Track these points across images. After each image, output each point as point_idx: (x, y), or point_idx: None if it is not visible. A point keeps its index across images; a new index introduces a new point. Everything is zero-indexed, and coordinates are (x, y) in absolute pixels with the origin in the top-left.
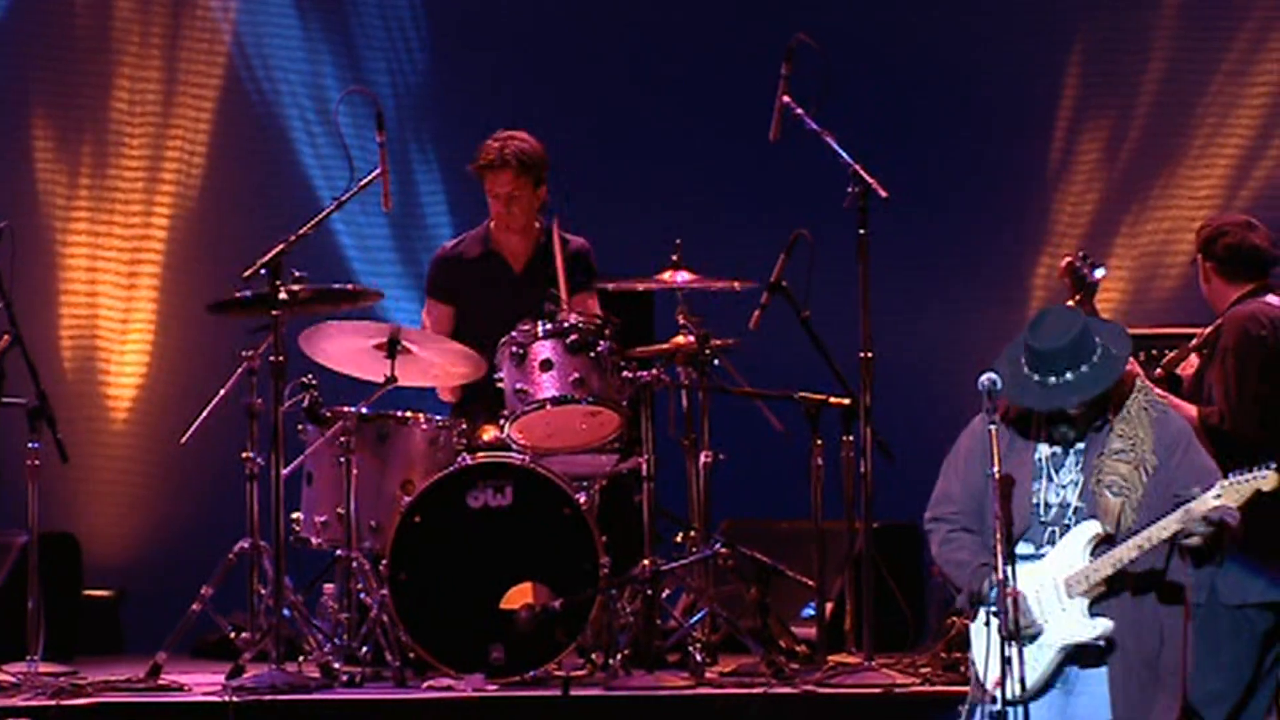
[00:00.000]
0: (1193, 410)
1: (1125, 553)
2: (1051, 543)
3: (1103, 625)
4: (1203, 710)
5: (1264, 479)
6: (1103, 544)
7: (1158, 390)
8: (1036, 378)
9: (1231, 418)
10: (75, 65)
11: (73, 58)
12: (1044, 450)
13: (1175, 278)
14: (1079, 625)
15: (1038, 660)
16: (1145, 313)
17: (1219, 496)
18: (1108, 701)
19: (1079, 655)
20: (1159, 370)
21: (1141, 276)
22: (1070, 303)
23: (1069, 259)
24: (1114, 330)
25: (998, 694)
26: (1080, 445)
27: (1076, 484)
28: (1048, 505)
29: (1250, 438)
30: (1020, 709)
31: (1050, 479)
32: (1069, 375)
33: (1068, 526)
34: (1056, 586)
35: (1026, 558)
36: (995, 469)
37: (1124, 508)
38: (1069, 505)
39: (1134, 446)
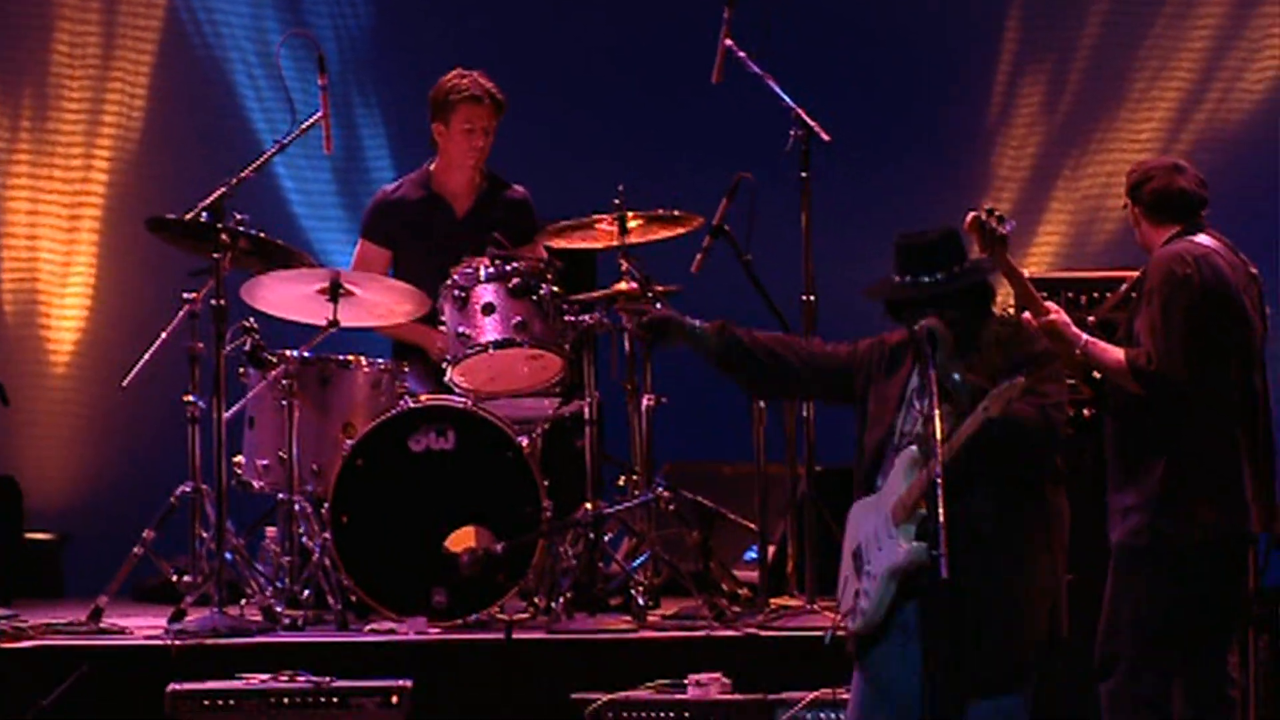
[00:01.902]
0: (1119, 353)
1: (928, 473)
2: None
3: (916, 550)
4: (1151, 650)
5: (1014, 384)
6: (922, 468)
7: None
8: (898, 279)
9: (1158, 358)
10: (15, 11)
11: (13, 7)
12: (913, 381)
13: (1116, 221)
14: (898, 551)
15: (869, 590)
16: (1086, 257)
17: (986, 409)
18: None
19: (912, 587)
20: (1091, 318)
21: (1082, 221)
22: (979, 255)
23: (974, 214)
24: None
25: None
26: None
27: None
28: (903, 434)
29: (1177, 378)
30: (863, 639)
31: (911, 408)
32: (925, 277)
33: None
34: (885, 516)
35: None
36: (938, 413)
37: (947, 432)
38: (919, 434)
39: (971, 369)
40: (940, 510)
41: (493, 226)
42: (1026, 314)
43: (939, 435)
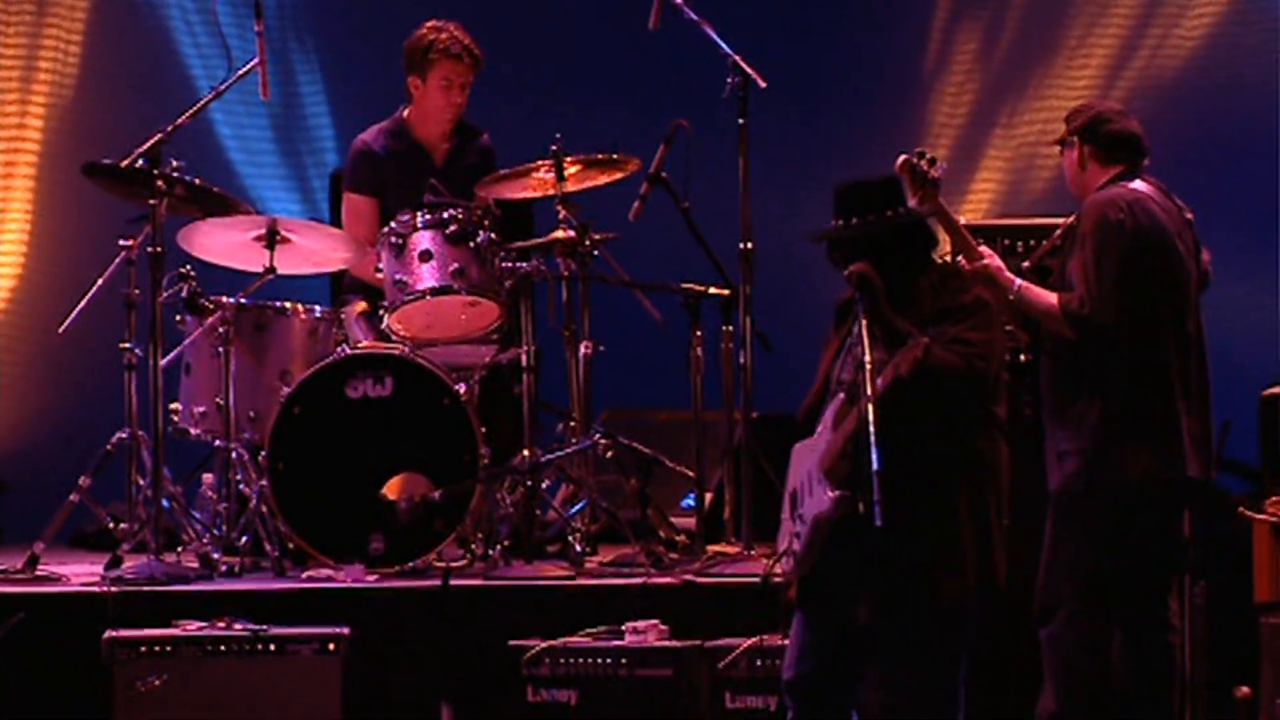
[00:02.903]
0: (1053, 298)
1: (857, 420)
2: None
3: (842, 500)
4: (1090, 596)
5: (919, 344)
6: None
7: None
8: (835, 223)
9: (1091, 303)
10: None
11: None
12: (855, 330)
13: (1052, 168)
14: (824, 500)
15: (801, 535)
16: (1022, 204)
17: (897, 365)
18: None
19: (840, 535)
20: (1026, 264)
21: (1019, 168)
22: (912, 201)
23: (905, 156)
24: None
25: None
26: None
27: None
28: (838, 382)
29: (1109, 322)
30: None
31: (849, 356)
32: (855, 219)
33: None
34: (815, 464)
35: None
36: (868, 359)
37: (869, 380)
38: (851, 382)
39: (906, 316)
40: (873, 457)
41: (469, 173)
42: (960, 259)
43: (868, 380)
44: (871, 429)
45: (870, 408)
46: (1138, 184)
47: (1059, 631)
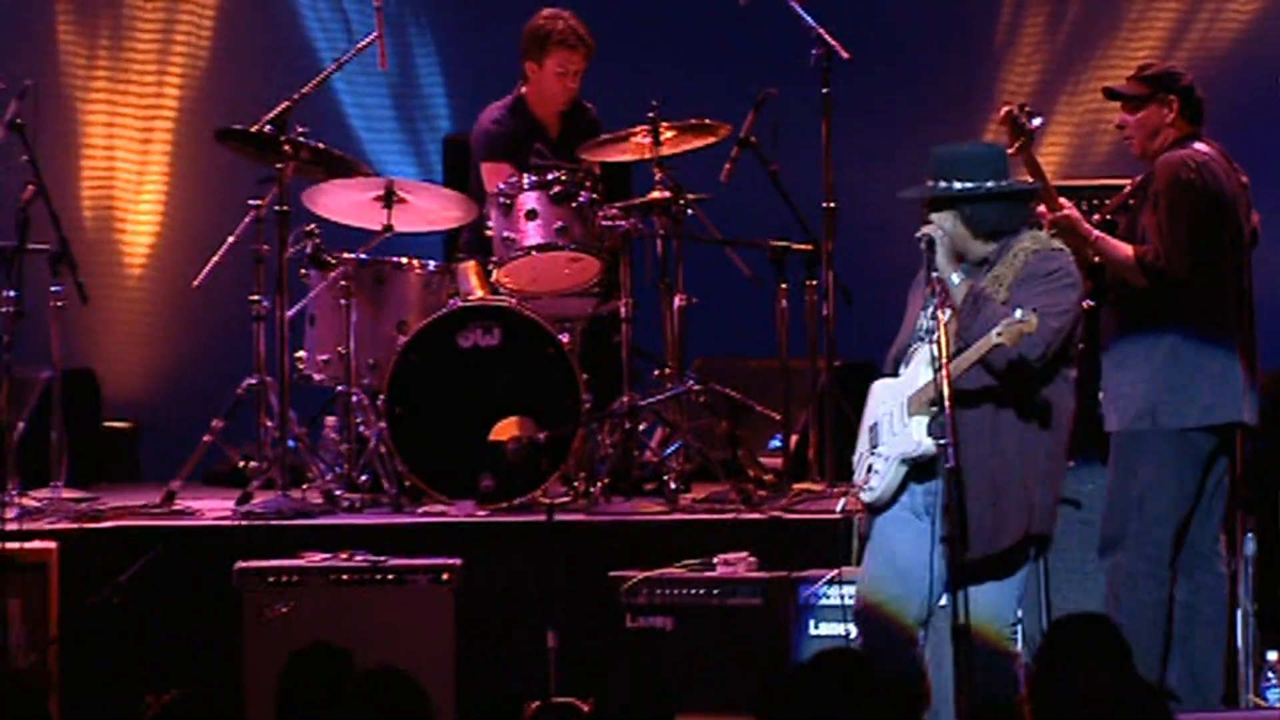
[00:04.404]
0: (1128, 249)
1: (939, 375)
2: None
3: (925, 445)
4: (1151, 529)
5: (1028, 321)
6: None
7: (1101, 235)
8: (930, 183)
9: (1165, 256)
10: None
11: None
12: (932, 286)
13: (1113, 133)
14: (908, 441)
15: (883, 472)
16: (1086, 167)
17: (1000, 334)
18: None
19: (920, 473)
20: (1097, 216)
21: (1083, 133)
22: (1010, 150)
23: (1008, 108)
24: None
25: (860, 498)
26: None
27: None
28: (928, 330)
29: (1180, 274)
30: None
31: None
32: (956, 184)
33: None
34: (902, 404)
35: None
36: (940, 314)
37: (951, 339)
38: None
39: (996, 279)
40: (948, 405)
41: (580, 144)
42: (1042, 208)
43: (941, 336)
44: (946, 381)
45: (945, 361)
46: (1201, 146)
47: (1124, 559)
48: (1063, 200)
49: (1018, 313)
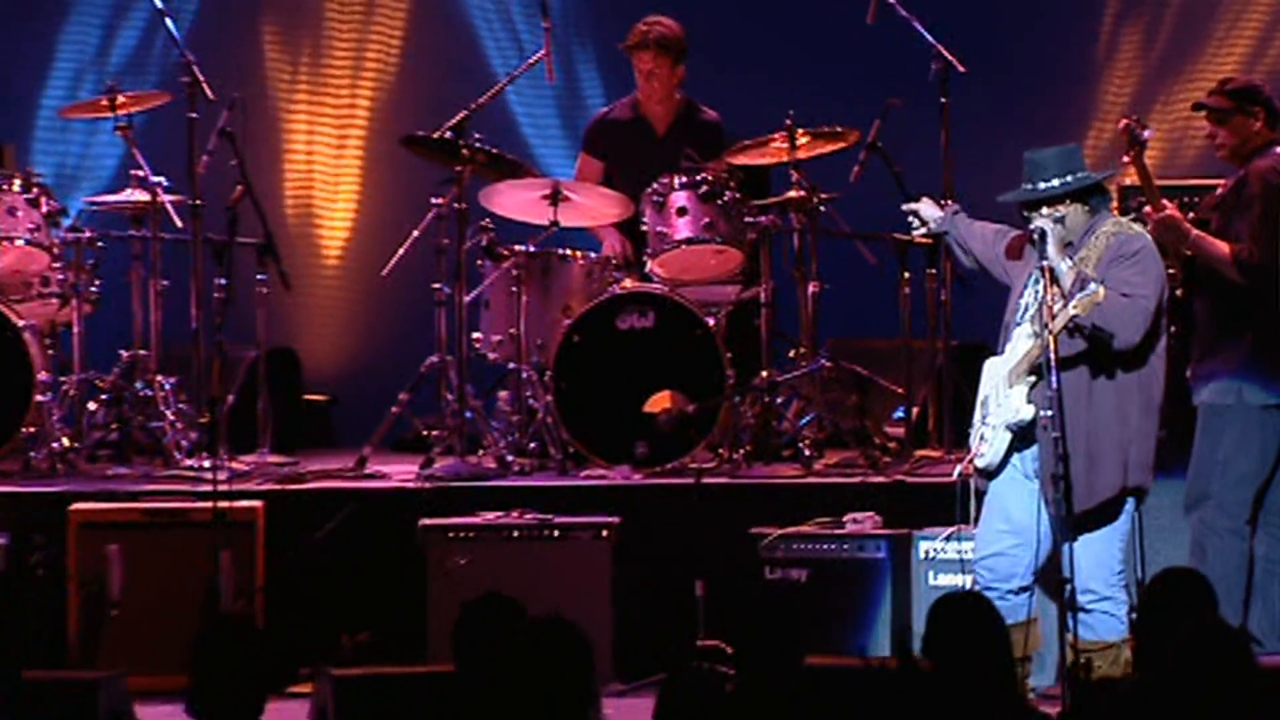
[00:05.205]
0: (1224, 247)
1: (1031, 345)
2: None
3: (1027, 411)
4: (1233, 489)
5: (1095, 292)
6: (1036, 339)
7: (1186, 220)
8: (1024, 185)
9: (1260, 254)
10: None
11: None
12: (1038, 272)
13: (1202, 138)
14: (1010, 410)
15: (991, 440)
16: (1176, 170)
17: (1075, 306)
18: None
19: (1026, 438)
20: (1192, 215)
21: (1174, 139)
22: (1125, 158)
23: (1126, 121)
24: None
25: (974, 464)
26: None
27: None
28: (1026, 307)
29: (1271, 270)
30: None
31: (1034, 289)
32: (1041, 184)
33: None
34: (1004, 376)
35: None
36: (1048, 297)
37: (1049, 315)
38: (1035, 313)
39: (1082, 260)
40: (1052, 379)
41: (686, 143)
42: (1147, 208)
43: (1051, 318)
44: (1052, 356)
45: (1051, 339)
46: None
47: (1208, 514)
48: (1165, 201)
49: (1090, 286)
